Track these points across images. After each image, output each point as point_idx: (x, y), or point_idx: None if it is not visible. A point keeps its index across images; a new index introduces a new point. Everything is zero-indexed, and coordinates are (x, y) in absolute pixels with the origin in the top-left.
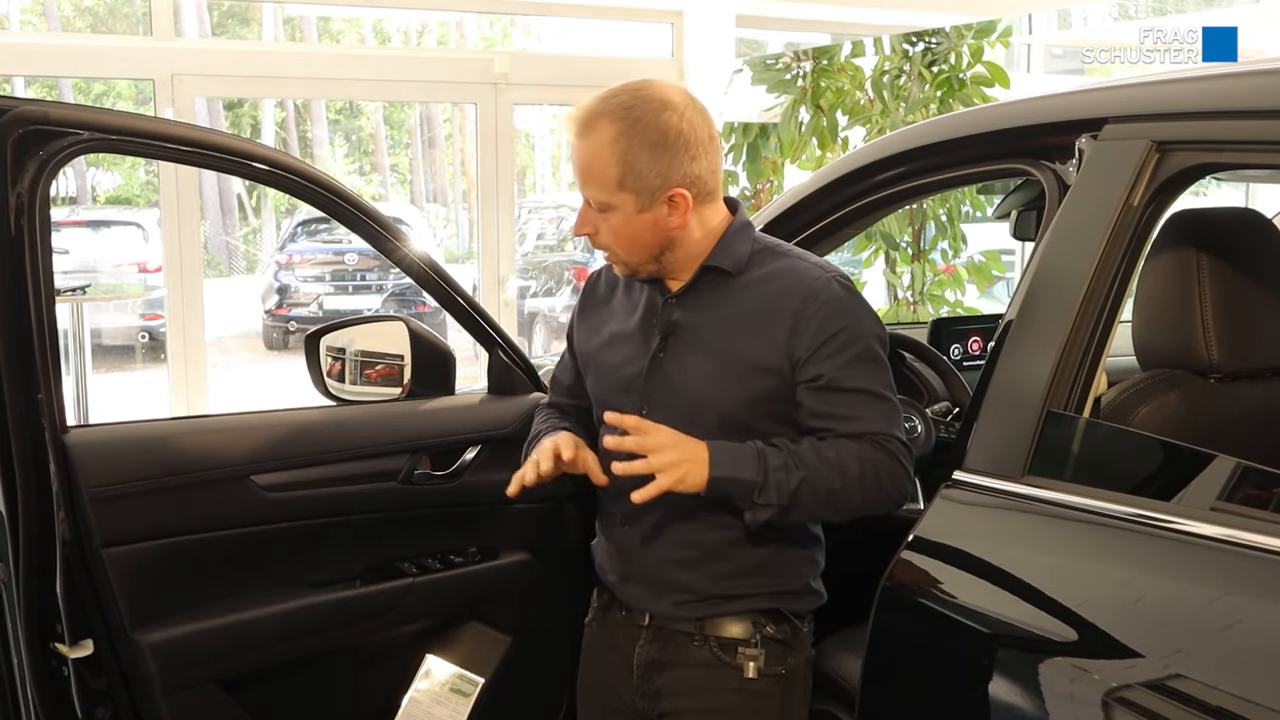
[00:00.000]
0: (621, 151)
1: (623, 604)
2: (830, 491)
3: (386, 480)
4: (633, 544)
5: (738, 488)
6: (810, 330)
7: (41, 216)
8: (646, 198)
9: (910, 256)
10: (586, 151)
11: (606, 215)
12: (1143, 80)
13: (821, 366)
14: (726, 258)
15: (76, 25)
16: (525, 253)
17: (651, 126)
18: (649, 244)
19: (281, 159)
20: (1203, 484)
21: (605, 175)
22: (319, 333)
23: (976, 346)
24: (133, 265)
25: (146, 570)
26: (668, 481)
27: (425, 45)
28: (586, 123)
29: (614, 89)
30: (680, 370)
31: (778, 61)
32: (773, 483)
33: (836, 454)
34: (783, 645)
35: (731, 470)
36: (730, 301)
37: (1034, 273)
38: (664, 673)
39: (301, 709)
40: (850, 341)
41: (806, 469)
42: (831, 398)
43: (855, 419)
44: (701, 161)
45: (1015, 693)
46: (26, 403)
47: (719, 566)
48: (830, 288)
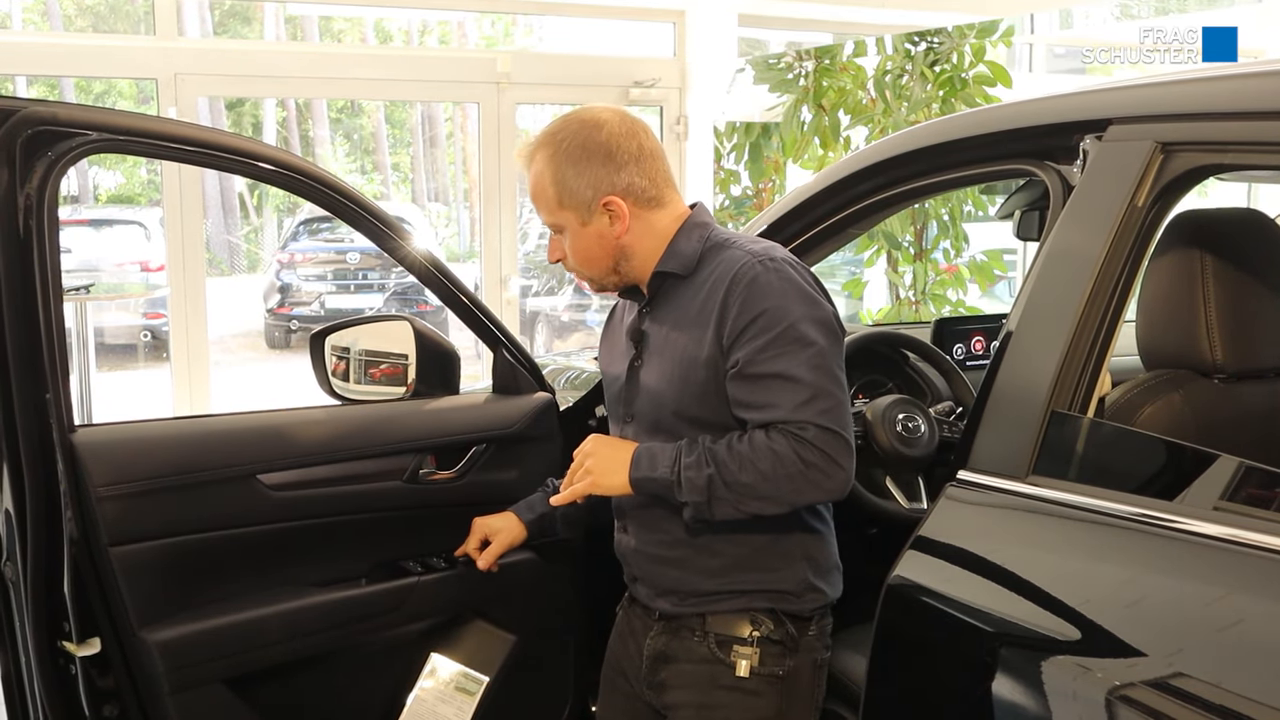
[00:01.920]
0: (553, 173)
1: (636, 598)
2: (743, 485)
3: (392, 479)
4: (629, 547)
5: (658, 486)
6: (732, 316)
7: (50, 217)
8: (584, 211)
9: (912, 256)
10: (530, 180)
11: (562, 237)
12: (1147, 81)
13: (740, 352)
14: (673, 260)
15: (78, 24)
16: (527, 252)
17: (574, 145)
18: (602, 256)
19: (287, 159)
20: (1206, 484)
21: (546, 197)
22: (324, 332)
23: (979, 346)
24: (135, 264)
25: (153, 569)
26: (581, 487)
27: (427, 44)
28: (527, 156)
29: (545, 127)
30: (648, 376)
31: (780, 61)
32: (684, 480)
33: (749, 447)
34: (780, 647)
35: (649, 471)
36: (682, 303)
37: (1038, 273)
38: (668, 665)
39: (307, 707)
40: (769, 325)
41: (716, 464)
42: (746, 385)
43: (767, 406)
44: (631, 169)
45: (1019, 692)
46: (34, 402)
47: (709, 562)
48: (751, 271)
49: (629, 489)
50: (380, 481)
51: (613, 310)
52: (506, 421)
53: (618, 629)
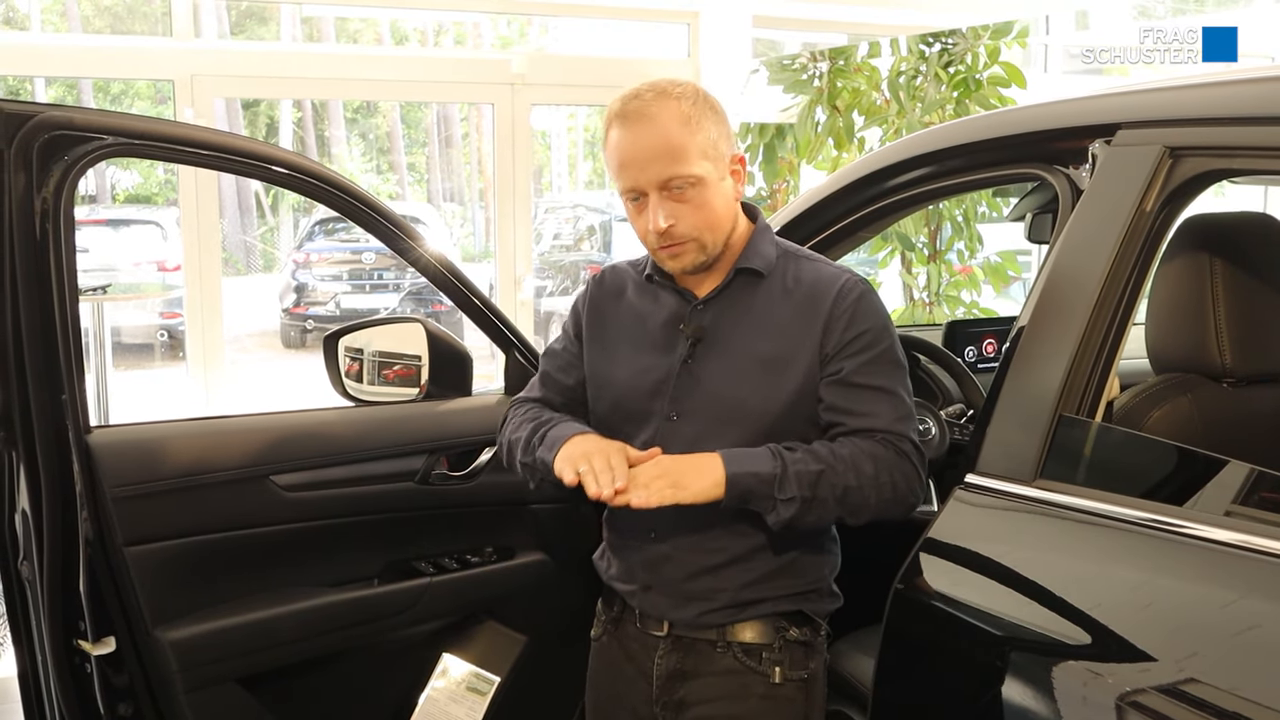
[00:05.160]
0: (695, 123)
1: (638, 614)
2: (846, 488)
3: (404, 480)
4: (659, 554)
5: (757, 482)
6: (839, 328)
7: (66, 220)
8: (723, 166)
9: (926, 257)
10: (657, 134)
11: (693, 192)
12: (1156, 85)
13: (844, 362)
14: (758, 259)
15: (96, 26)
16: (542, 252)
17: (709, 100)
18: (726, 219)
19: (300, 162)
20: (1216, 488)
21: (686, 149)
22: (337, 334)
23: (991, 349)
24: (152, 264)
25: (168, 569)
26: (667, 494)
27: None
28: (643, 112)
29: (644, 85)
30: (713, 376)
31: (794, 62)
32: (793, 474)
33: (850, 451)
34: (805, 648)
35: (750, 465)
36: (760, 304)
37: (1047, 277)
38: (687, 682)
39: (320, 706)
40: (874, 341)
41: (824, 463)
42: (849, 392)
43: (869, 415)
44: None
45: (1026, 695)
46: (51, 403)
47: (744, 573)
48: (857, 289)
49: (721, 490)
50: (393, 482)
51: (598, 297)
52: None
53: (606, 657)
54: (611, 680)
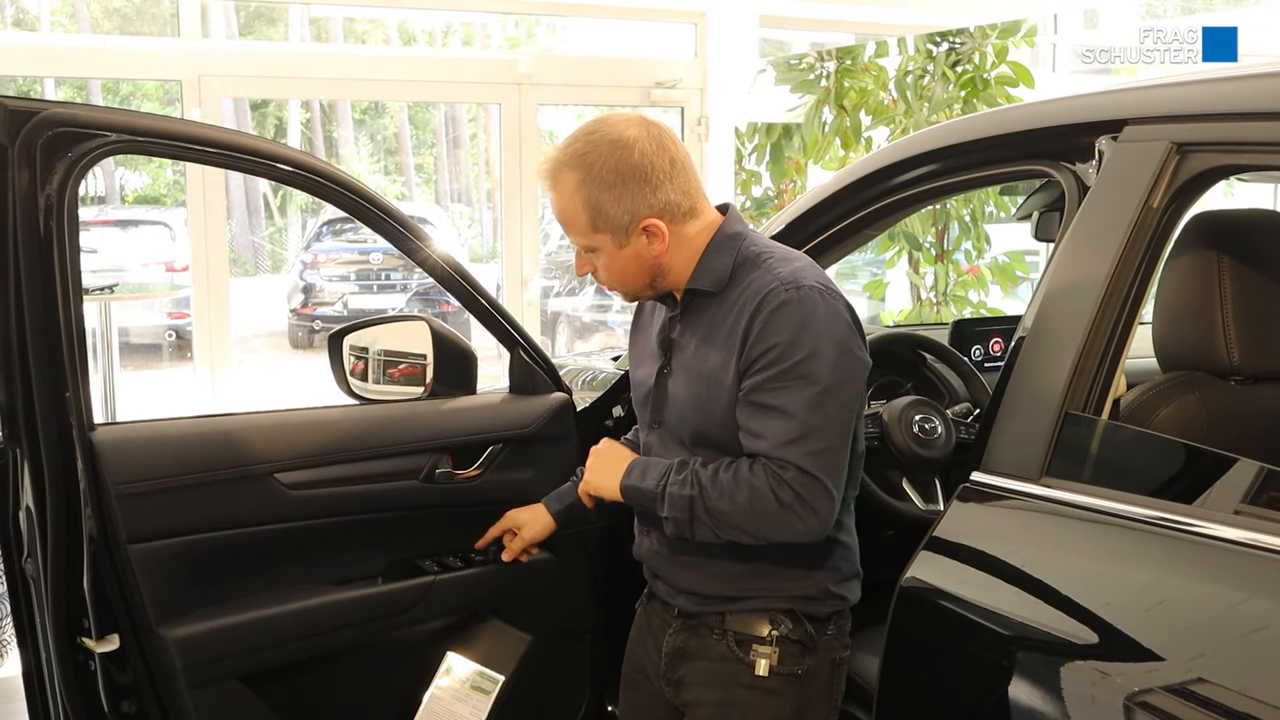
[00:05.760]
0: (586, 197)
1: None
2: (722, 513)
3: (409, 479)
4: (649, 549)
5: (643, 498)
6: (751, 342)
7: (70, 217)
8: (621, 235)
9: (933, 257)
10: (557, 203)
11: (595, 256)
12: (1163, 82)
13: (752, 378)
14: (705, 278)
15: (105, 26)
16: (549, 252)
17: (606, 169)
18: (638, 274)
19: (306, 160)
20: (1224, 487)
21: (578, 222)
22: (342, 332)
23: (998, 348)
24: (160, 264)
25: (172, 566)
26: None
27: (450, 46)
28: (551, 175)
29: (572, 135)
30: (675, 387)
31: (801, 61)
32: (668, 497)
33: (732, 476)
34: (800, 646)
35: (638, 481)
36: (710, 320)
37: (1053, 274)
38: (687, 663)
39: (324, 705)
40: (781, 357)
41: (700, 488)
42: (747, 411)
43: (757, 436)
44: (666, 188)
45: (1032, 695)
46: (55, 401)
47: (723, 568)
48: (776, 298)
49: (619, 495)
50: (397, 481)
51: (640, 308)
52: (523, 421)
53: (637, 626)
54: (635, 649)
